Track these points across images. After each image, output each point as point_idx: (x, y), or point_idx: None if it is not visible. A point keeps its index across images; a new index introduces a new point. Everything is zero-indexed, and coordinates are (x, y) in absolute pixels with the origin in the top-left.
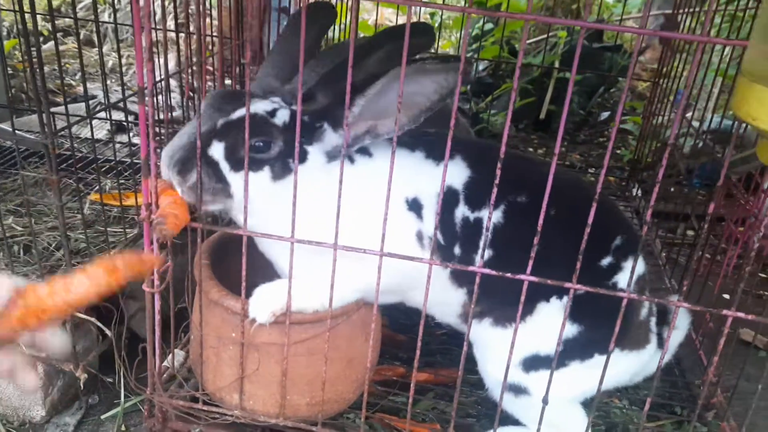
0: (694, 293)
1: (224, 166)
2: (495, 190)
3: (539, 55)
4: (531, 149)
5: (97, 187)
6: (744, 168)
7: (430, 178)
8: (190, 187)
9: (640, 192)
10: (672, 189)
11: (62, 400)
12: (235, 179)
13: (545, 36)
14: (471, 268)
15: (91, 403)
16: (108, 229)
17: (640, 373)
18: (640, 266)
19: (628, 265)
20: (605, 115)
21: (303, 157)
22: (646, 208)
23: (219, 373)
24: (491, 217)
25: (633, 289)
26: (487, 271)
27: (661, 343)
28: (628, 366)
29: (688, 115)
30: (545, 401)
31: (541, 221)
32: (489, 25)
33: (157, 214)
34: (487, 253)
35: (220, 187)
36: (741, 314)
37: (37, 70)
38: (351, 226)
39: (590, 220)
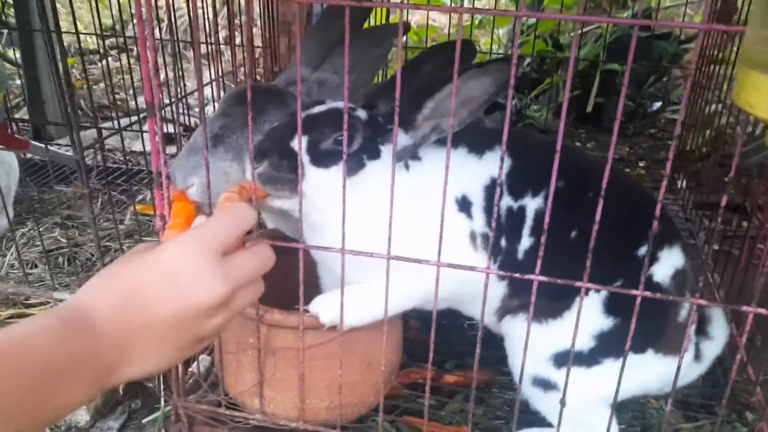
0: (736, 289)
1: (305, 159)
2: (553, 183)
3: (584, 47)
4: (578, 143)
5: (139, 198)
6: (759, 158)
7: (476, 173)
8: (263, 173)
9: (684, 183)
10: (726, 179)
11: (106, 405)
12: (313, 174)
13: (592, 27)
14: (528, 276)
15: (134, 407)
16: (146, 238)
17: (672, 383)
18: (678, 259)
19: (664, 254)
20: (657, 105)
21: (377, 155)
22: (690, 201)
23: (240, 378)
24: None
25: (669, 284)
26: (543, 278)
27: (698, 354)
28: (662, 372)
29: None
30: (563, 402)
31: (597, 217)
32: (533, 20)
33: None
34: (529, 241)
35: (291, 179)
36: (762, 310)
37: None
38: (411, 232)
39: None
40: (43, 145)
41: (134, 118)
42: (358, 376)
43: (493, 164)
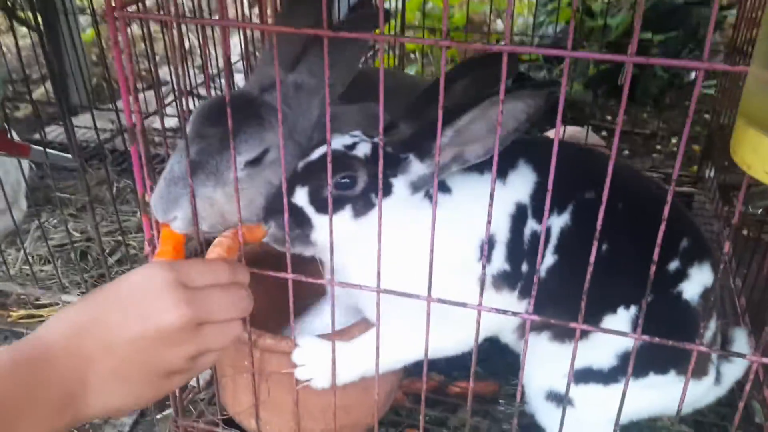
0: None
1: (309, 211)
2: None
3: (618, 15)
4: (609, 117)
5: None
6: None
7: (500, 203)
8: (271, 235)
9: (713, 172)
10: None
11: None
12: (320, 222)
13: None
14: (522, 315)
15: None
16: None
17: (690, 405)
18: (708, 277)
19: (693, 272)
20: (693, 75)
21: (387, 190)
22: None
23: (236, 399)
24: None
25: (698, 303)
26: (534, 317)
27: (719, 378)
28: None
29: None
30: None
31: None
32: None
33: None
34: (552, 259)
35: (302, 233)
36: None
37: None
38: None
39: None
40: (41, 149)
41: (165, 91)
42: (354, 399)
43: (517, 186)
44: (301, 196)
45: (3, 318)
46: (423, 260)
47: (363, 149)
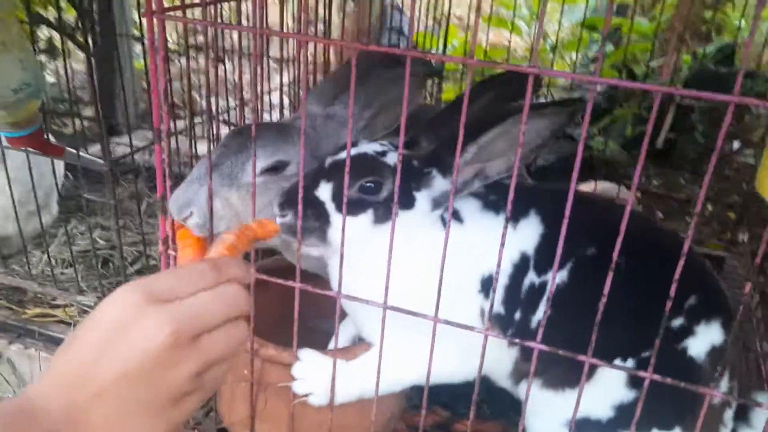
0: None
1: (330, 207)
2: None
3: (659, 80)
4: (644, 179)
5: None
6: None
7: (508, 247)
8: (285, 224)
9: (746, 237)
10: None
11: None
12: (338, 220)
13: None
14: (530, 344)
15: None
16: None
17: None
18: (718, 335)
19: (701, 330)
20: (736, 145)
21: (410, 204)
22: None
23: (233, 408)
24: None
25: (704, 361)
26: (544, 347)
27: None
28: None
29: None
30: None
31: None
32: (608, 47)
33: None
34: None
35: (319, 228)
36: None
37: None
38: (427, 295)
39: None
40: (75, 152)
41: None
42: (351, 419)
43: (524, 236)
44: (325, 192)
45: (18, 315)
46: (428, 280)
47: (393, 158)
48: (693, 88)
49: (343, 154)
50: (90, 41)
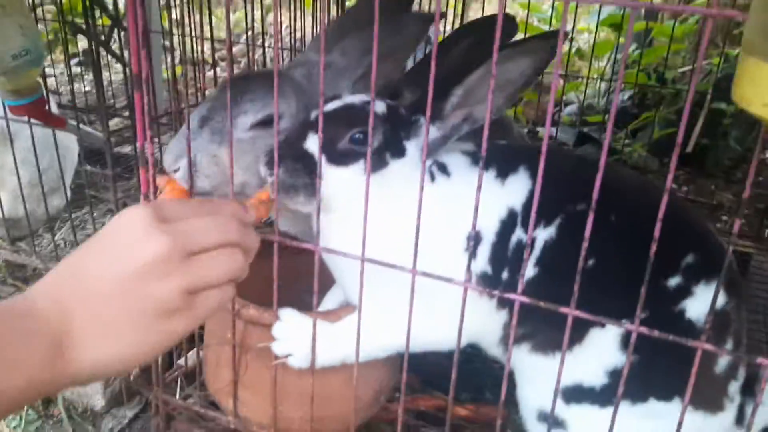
0: None
1: (321, 160)
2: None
3: (690, 83)
4: (675, 185)
5: None
6: None
7: (496, 203)
8: (280, 180)
9: None
10: None
11: (126, 394)
12: (330, 173)
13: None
14: (510, 296)
15: (150, 399)
16: None
17: None
18: (720, 297)
19: (700, 290)
20: None
21: (401, 152)
22: None
23: (218, 375)
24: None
25: (705, 325)
26: (525, 299)
27: (741, 419)
28: (690, 427)
29: None
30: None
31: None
32: (637, 51)
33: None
34: (533, 271)
35: (310, 182)
36: None
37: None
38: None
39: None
40: (75, 124)
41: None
42: (336, 389)
43: (513, 192)
44: (314, 144)
45: (20, 291)
46: (412, 233)
47: (380, 107)
48: (724, 91)
49: (329, 106)
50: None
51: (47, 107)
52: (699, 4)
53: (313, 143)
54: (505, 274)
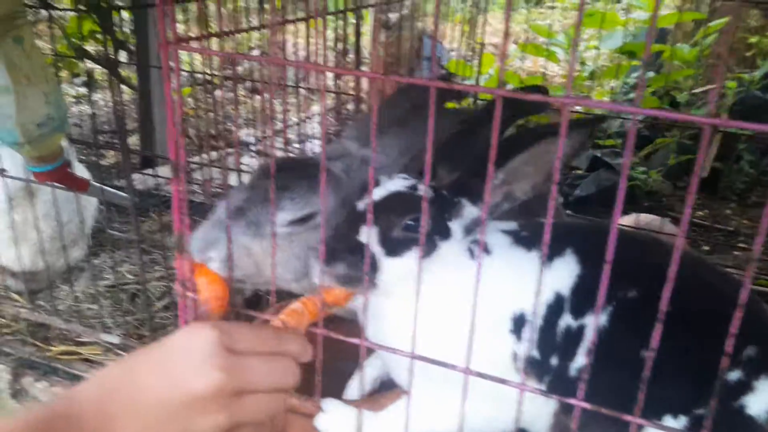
0: None
1: (378, 251)
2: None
3: (704, 107)
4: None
5: None
6: None
7: (543, 286)
8: (336, 276)
9: None
10: None
11: None
12: (387, 264)
13: (712, 87)
14: (571, 401)
15: None
16: None
17: None
18: None
19: (761, 385)
20: None
21: (447, 233)
22: None
23: None
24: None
25: (766, 422)
26: (587, 405)
27: None
28: None
29: None
30: None
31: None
32: (650, 73)
33: (200, 300)
34: (583, 360)
35: (370, 274)
36: None
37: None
38: (451, 336)
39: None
40: (99, 186)
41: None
42: None
43: (560, 276)
44: (369, 236)
45: (43, 352)
46: (460, 320)
47: (423, 191)
48: (739, 115)
49: (378, 193)
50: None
51: (70, 169)
52: (712, 29)
53: (366, 234)
54: (554, 360)
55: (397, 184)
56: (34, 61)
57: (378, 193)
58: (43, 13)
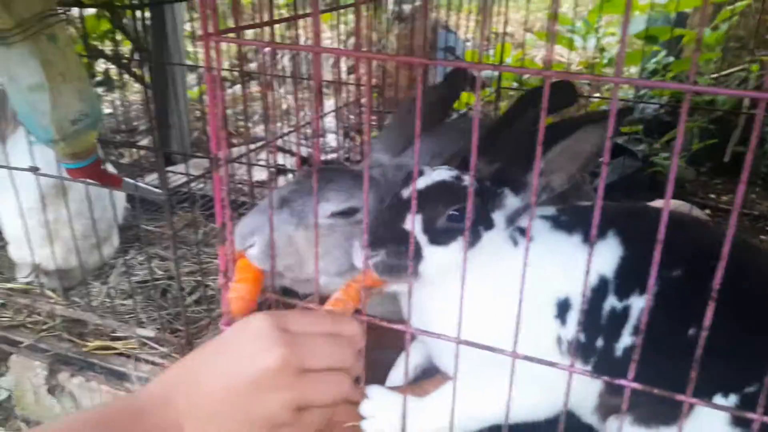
0: None
1: (421, 240)
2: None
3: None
4: (713, 195)
5: None
6: None
7: (584, 269)
8: (379, 263)
9: None
10: None
11: None
12: (430, 252)
13: (735, 69)
14: (621, 382)
15: None
16: None
17: None
18: None
19: None
20: None
21: (491, 225)
22: None
23: None
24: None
25: None
26: (637, 386)
27: None
28: None
29: None
30: None
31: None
32: (669, 59)
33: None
34: (630, 340)
35: (414, 262)
36: None
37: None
38: (497, 321)
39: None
40: (133, 182)
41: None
42: None
43: (603, 258)
44: (415, 223)
45: (79, 347)
46: (506, 306)
47: (468, 181)
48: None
49: (422, 183)
50: (147, 72)
51: (103, 167)
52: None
53: (411, 223)
54: (599, 342)
55: (441, 173)
56: (69, 59)
57: (422, 182)
58: (74, 11)
